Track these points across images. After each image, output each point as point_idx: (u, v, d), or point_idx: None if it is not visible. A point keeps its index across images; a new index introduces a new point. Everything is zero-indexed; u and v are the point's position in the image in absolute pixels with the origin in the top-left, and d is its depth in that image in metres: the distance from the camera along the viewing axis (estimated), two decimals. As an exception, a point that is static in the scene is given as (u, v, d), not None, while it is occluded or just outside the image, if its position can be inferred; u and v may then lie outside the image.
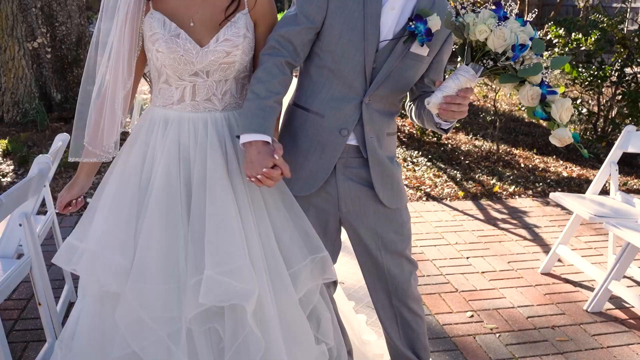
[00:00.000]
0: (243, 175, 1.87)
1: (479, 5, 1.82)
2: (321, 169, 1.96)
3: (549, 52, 6.22)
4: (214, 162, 1.84)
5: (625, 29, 9.34)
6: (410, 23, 1.83)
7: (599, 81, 5.97)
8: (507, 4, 1.75)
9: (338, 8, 1.84)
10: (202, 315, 1.79)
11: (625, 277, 3.58)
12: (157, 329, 1.79)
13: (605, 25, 6.01)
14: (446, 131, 1.94)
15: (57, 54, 7.35)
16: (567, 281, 3.57)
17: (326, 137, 1.94)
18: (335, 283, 2.27)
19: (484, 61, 1.72)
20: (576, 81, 6.17)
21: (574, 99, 6.58)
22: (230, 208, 1.81)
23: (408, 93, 2.09)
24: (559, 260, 3.77)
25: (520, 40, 1.68)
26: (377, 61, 1.88)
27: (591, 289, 3.45)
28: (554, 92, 1.74)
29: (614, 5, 12.10)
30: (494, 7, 1.72)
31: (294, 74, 1.95)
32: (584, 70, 6.01)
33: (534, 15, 1.90)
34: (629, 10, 9.67)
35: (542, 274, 3.65)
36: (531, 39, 1.71)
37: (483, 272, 3.64)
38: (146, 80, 2.07)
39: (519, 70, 1.71)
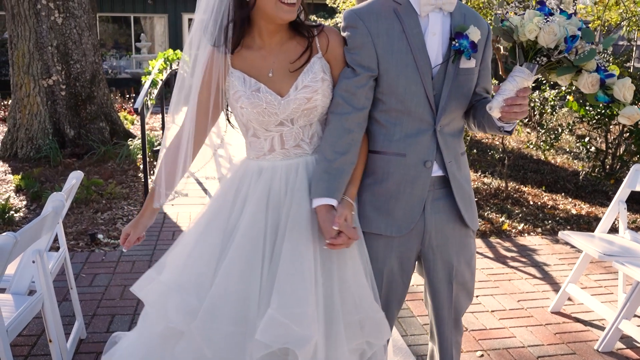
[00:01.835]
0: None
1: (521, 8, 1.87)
2: (414, 206, 1.98)
3: (556, 90, 6.27)
4: (298, 205, 1.88)
5: (632, 67, 9.41)
6: (454, 42, 1.89)
7: (606, 119, 6.01)
8: (549, 1, 1.79)
9: (386, 52, 1.90)
10: (267, 358, 1.80)
11: (636, 316, 3.54)
12: None
13: (610, 64, 6.07)
14: (510, 132, 1.98)
15: (71, 91, 7.50)
16: (577, 320, 3.55)
17: (412, 174, 1.96)
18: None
19: (538, 59, 1.76)
20: (584, 119, 6.21)
21: (582, 137, 6.61)
22: (307, 252, 1.83)
23: None
24: (569, 299, 3.75)
25: (570, 32, 1.71)
26: (436, 87, 1.92)
27: (602, 328, 3.43)
28: (612, 75, 1.78)
29: (620, 43, 12.21)
30: (538, 6, 1.77)
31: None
32: (591, 108, 6.05)
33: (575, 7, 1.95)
34: (634, 48, 9.76)
35: (552, 312, 3.63)
36: (579, 29, 1.75)
37: (493, 311, 3.62)
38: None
39: (574, 60, 1.75)
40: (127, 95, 13.68)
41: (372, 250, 2.01)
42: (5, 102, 11.61)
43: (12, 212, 5.06)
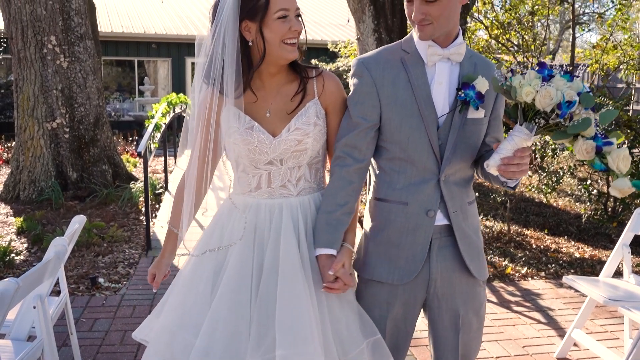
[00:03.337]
0: (309, 260, 1.93)
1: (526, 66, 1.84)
2: (416, 254, 1.96)
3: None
4: (287, 244, 1.91)
5: (631, 110, 9.51)
6: (460, 92, 1.88)
7: (607, 162, 6.03)
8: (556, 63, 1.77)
9: (390, 101, 1.90)
10: None
11: (643, 362, 3.49)
12: None
13: (610, 107, 6.13)
14: (513, 188, 1.96)
15: (74, 134, 7.55)
16: (584, 367, 3.49)
17: (414, 222, 1.95)
18: None
19: (537, 120, 1.73)
20: (584, 162, 6.23)
21: (584, 180, 6.63)
22: (304, 291, 1.85)
23: None
24: (575, 345, 3.70)
25: (567, 97, 1.68)
26: (441, 137, 1.91)
27: (609, 375, 3.37)
28: (610, 143, 1.73)
29: (619, 85, 12.36)
30: (537, 68, 1.74)
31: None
32: (591, 151, 6.08)
33: (582, 71, 1.90)
34: (633, 91, 9.87)
35: (558, 359, 3.58)
36: (579, 93, 1.71)
37: (498, 357, 3.57)
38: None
39: (568, 126, 1.71)
40: (130, 138, 13.80)
41: (376, 297, 2.00)
42: (9, 144, 11.70)
43: (13, 255, 5.04)
